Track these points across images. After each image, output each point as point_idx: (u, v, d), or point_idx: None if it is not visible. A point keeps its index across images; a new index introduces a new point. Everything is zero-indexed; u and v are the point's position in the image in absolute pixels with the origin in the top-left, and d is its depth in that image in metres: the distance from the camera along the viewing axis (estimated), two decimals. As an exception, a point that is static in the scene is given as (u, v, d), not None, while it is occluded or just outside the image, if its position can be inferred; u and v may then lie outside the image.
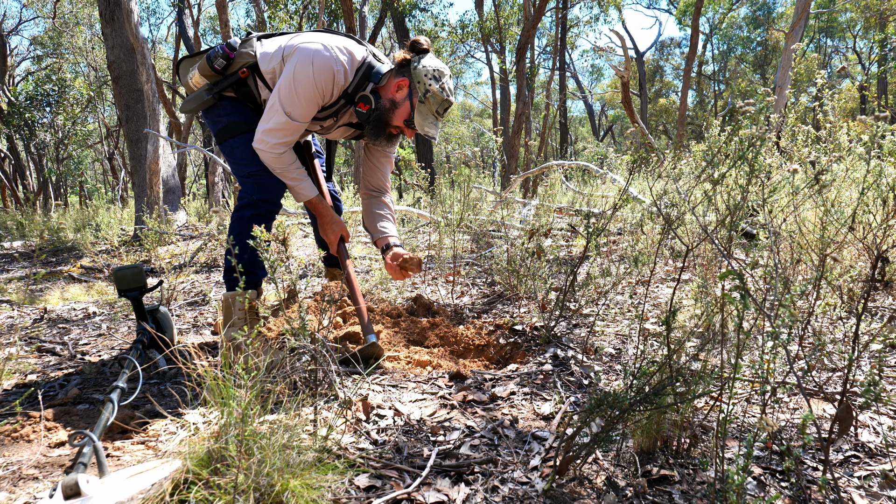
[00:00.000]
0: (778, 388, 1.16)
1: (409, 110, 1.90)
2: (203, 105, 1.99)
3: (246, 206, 1.93)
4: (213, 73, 1.93)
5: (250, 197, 1.94)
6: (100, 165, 23.44)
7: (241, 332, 1.32)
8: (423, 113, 1.89)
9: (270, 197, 1.95)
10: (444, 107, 1.90)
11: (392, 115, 1.92)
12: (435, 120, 1.92)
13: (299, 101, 1.83)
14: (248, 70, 1.92)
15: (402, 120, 1.92)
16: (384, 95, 1.91)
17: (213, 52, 1.92)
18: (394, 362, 1.88)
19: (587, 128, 32.26)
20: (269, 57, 1.91)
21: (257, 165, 1.94)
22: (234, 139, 1.98)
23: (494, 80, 14.36)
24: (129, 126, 6.32)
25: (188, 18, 13.29)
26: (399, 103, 1.90)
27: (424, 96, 1.86)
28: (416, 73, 1.86)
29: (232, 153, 2.00)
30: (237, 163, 1.98)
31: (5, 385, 1.79)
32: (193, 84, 2.01)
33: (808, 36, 21.86)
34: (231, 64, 1.93)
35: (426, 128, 1.90)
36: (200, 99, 1.97)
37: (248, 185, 1.95)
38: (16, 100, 11.39)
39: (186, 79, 2.03)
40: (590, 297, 2.22)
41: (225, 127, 1.98)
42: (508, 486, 1.14)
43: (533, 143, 12.80)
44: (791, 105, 2.17)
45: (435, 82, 1.86)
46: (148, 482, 1.04)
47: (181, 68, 2.08)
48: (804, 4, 6.63)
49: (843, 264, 2.12)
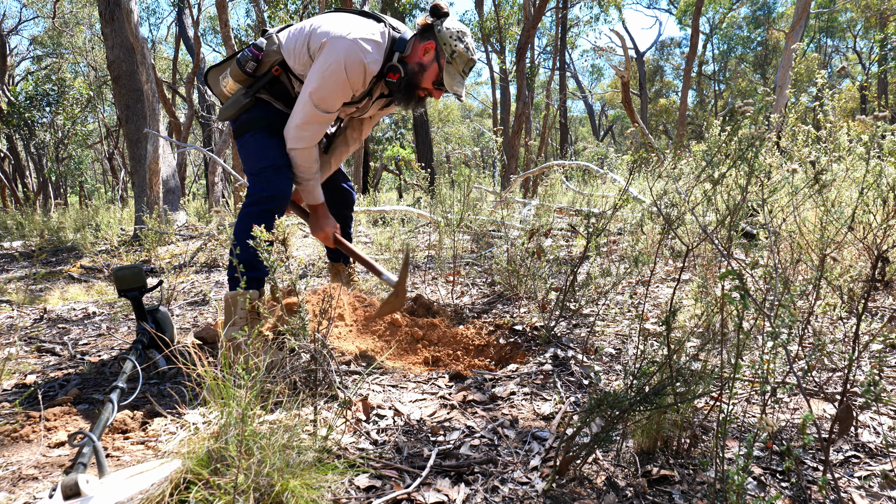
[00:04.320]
0: (778, 388, 1.16)
1: (438, 71, 1.97)
2: (243, 109, 2.02)
3: (254, 203, 1.95)
4: (247, 76, 1.98)
5: (260, 194, 1.95)
6: (100, 165, 23.44)
7: (241, 332, 1.32)
8: (450, 73, 1.96)
9: (279, 194, 1.97)
10: (469, 66, 1.97)
11: (421, 77, 1.98)
12: (462, 79, 1.99)
13: (331, 95, 1.90)
14: (280, 67, 1.98)
15: (431, 81, 1.99)
16: (411, 60, 1.98)
17: (243, 55, 1.96)
18: (394, 362, 1.88)
19: (587, 128, 32.26)
20: (293, 52, 1.95)
21: (268, 161, 1.97)
22: (251, 134, 2.01)
23: (494, 79, 14.36)
24: (129, 126, 6.31)
25: (188, 18, 13.30)
26: (427, 66, 1.96)
27: (451, 57, 1.93)
28: (442, 36, 1.93)
29: (245, 147, 2.03)
30: (249, 158, 2.02)
31: (5, 385, 1.78)
32: (228, 91, 2.04)
33: (809, 36, 21.85)
34: (261, 64, 1.97)
35: (455, 87, 1.97)
36: (239, 103, 2.00)
37: (257, 183, 1.97)
38: (16, 100, 11.38)
39: (220, 87, 2.06)
40: (590, 297, 2.22)
41: (245, 121, 2.02)
42: (508, 486, 1.14)
43: (533, 143, 12.80)
44: (791, 105, 2.17)
45: (460, 42, 1.93)
46: (148, 482, 1.04)
47: (209, 79, 2.10)
48: (804, 4, 6.63)
49: (843, 264, 2.12)
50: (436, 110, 22.05)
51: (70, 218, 6.87)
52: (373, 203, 6.83)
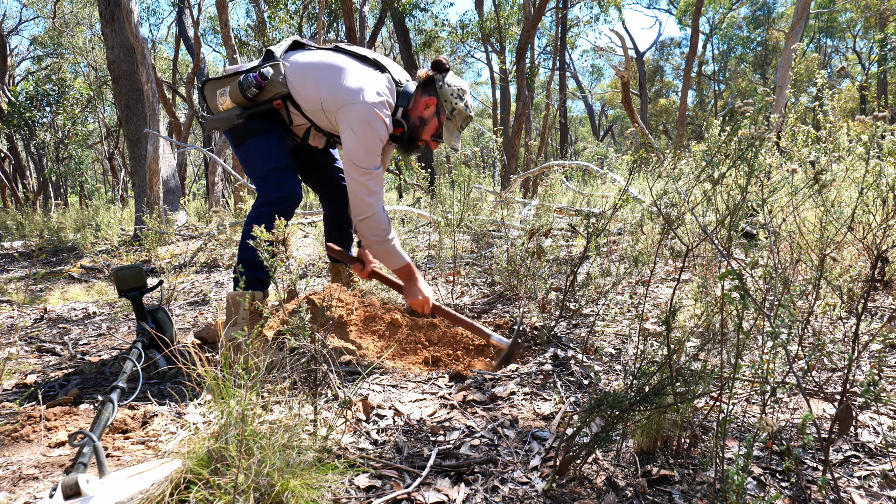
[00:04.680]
0: (778, 388, 1.16)
1: (437, 126, 2.05)
2: (232, 126, 2.01)
3: (266, 204, 1.93)
4: (246, 100, 1.97)
5: (272, 195, 1.94)
6: (100, 165, 23.43)
7: (241, 332, 1.32)
8: (449, 129, 2.05)
9: (291, 194, 1.96)
10: (466, 122, 2.05)
11: (422, 131, 2.05)
12: (458, 134, 2.07)
13: (370, 152, 1.90)
14: (281, 101, 1.97)
15: (430, 135, 2.06)
16: (413, 115, 2.03)
17: (246, 80, 1.93)
18: (394, 362, 1.88)
19: (587, 128, 32.27)
20: (303, 97, 1.95)
21: (275, 162, 1.96)
22: (251, 139, 2.00)
23: (494, 80, 14.35)
24: (129, 126, 6.32)
25: (188, 18, 13.30)
26: (427, 120, 2.03)
27: (451, 114, 2.01)
28: (443, 93, 2.00)
29: (248, 153, 2.01)
30: (253, 163, 2.00)
31: (5, 385, 1.79)
32: (223, 108, 2.02)
33: (808, 36, 21.86)
34: (262, 92, 1.95)
35: (452, 141, 2.05)
36: (231, 122, 1.99)
37: (267, 185, 1.96)
38: (16, 100, 11.38)
39: (216, 102, 2.04)
40: (590, 297, 2.22)
41: (243, 131, 2.00)
42: (508, 486, 1.15)
43: (533, 143, 12.80)
44: (791, 105, 2.17)
45: (460, 101, 2.00)
46: (148, 482, 1.04)
47: (206, 90, 2.07)
48: (804, 4, 6.63)
49: (842, 264, 2.12)
50: (436, 110, 22.00)
51: (70, 218, 6.87)
52: (373, 203, 6.80)
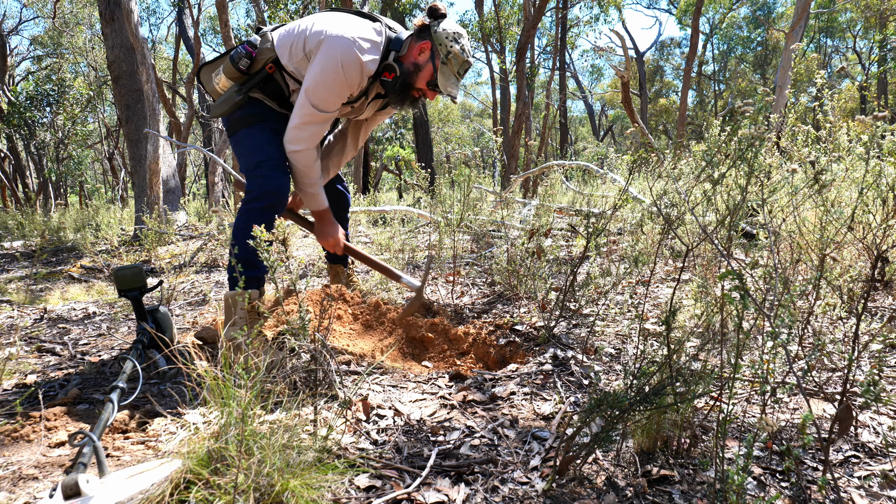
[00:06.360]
0: (778, 388, 1.16)
1: (433, 72, 1.97)
2: (235, 106, 2.00)
3: (254, 199, 1.93)
4: (240, 74, 1.96)
5: (258, 190, 1.93)
6: (100, 165, 23.43)
7: (240, 332, 1.32)
8: (445, 74, 1.97)
9: (278, 189, 1.95)
10: (464, 67, 1.98)
11: (416, 77, 1.98)
12: (456, 80, 1.99)
13: (329, 95, 1.88)
14: (273, 65, 1.96)
15: (426, 82, 1.99)
16: (406, 60, 1.98)
17: (236, 52, 1.93)
18: (394, 362, 1.88)
19: (587, 128, 32.25)
20: (287, 49, 1.94)
21: (264, 156, 1.95)
22: (245, 129, 2.00)
23: (494, 80, 14.35)
24: (129, 126, 6.31)
25: (188, 18, 13.29)
26: (422, 66, 1.97)
27: (446, 58, 1.94)
28: (438, 36, 1.93)
29: (240, 143, 2.01)
30: (244, 154, 2.00)
31: (5, 385, 1.78)
32: (220, 88, 2.03)
33: (808, 36, 21.85)
34: (254, 62, 1.95)
35: (449, 88, 1.98)
36: (232, 101, 1.99)
37: (255, 179, 1.95)
38: (16, 100, 11.39)
39: (212, 84, 2.05)
40: (590, 297, 2.22)
41: (238, 119, 2.00)
42: (508, 486, 1.15)
43: (533, 143, 12.80)
44: (791, 105, 2.17)
45: (455, 43, 1.93)
46: (148, 482, 1.04)
47: (202, 75, 2.08)
48: (804, 4, 6.63)
49: (842, 264, 2.12)
50: (436, 110, 22.04)
51: (70, 218, 6.87)
52: (373, 203, 6.83)
